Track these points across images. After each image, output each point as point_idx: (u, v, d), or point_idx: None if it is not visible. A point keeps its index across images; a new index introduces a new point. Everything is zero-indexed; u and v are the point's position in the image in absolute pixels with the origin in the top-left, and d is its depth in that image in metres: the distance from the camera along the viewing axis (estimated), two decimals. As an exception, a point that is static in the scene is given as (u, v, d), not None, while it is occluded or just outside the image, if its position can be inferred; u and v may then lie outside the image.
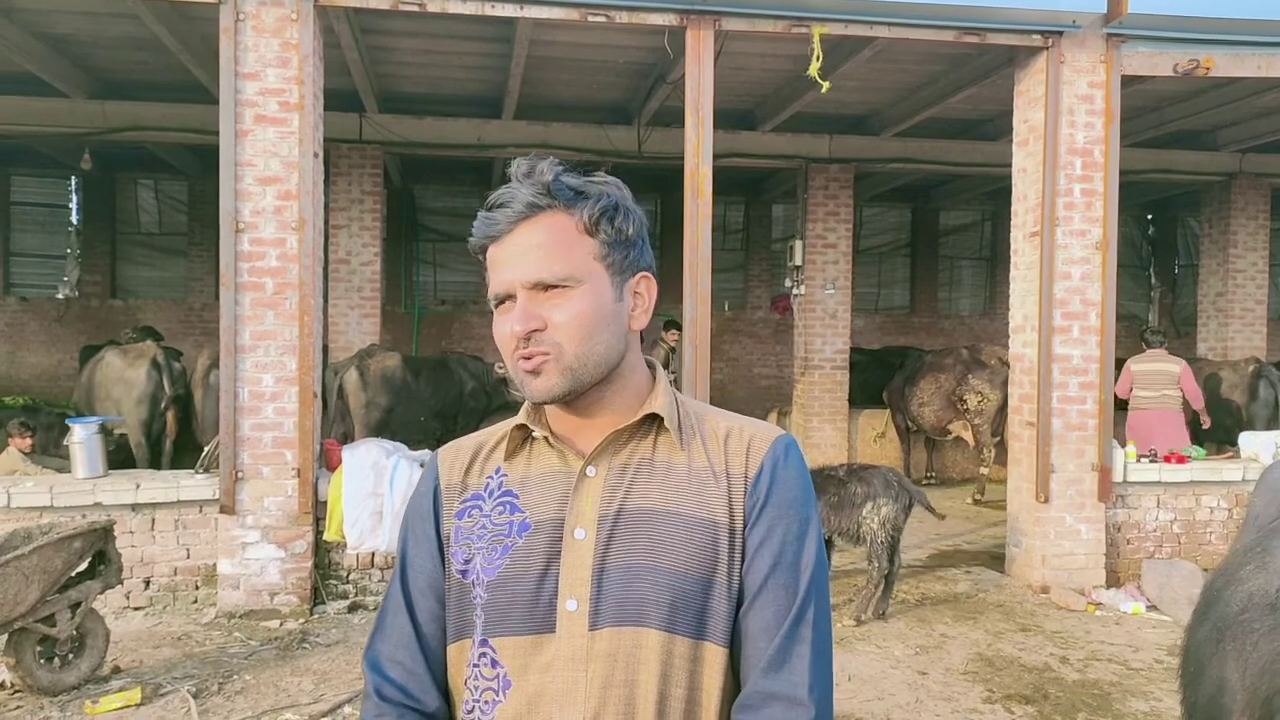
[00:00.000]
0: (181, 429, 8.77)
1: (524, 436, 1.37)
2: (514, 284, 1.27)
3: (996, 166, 9.84)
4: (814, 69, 6.55)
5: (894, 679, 5.15)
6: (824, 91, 6.95)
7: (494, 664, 1.28)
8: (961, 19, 6.59)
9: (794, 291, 11.55)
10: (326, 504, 6.19)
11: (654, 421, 1.34)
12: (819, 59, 6.51)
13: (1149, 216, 16.94)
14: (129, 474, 6.58)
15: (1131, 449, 7.26)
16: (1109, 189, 6.87)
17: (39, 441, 7.74)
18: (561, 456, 1.33)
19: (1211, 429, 9.58)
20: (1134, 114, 9.30)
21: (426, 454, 6.73)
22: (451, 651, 1.35)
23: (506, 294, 1.29)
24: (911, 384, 10.67)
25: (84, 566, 4.90)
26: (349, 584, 6.34)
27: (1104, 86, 6.81)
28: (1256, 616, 1.74)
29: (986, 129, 10.53)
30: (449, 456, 1.42)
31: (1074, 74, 6.80)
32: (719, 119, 7.21)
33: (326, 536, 6.18)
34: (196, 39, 7.52)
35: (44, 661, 4.72)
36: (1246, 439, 7.70)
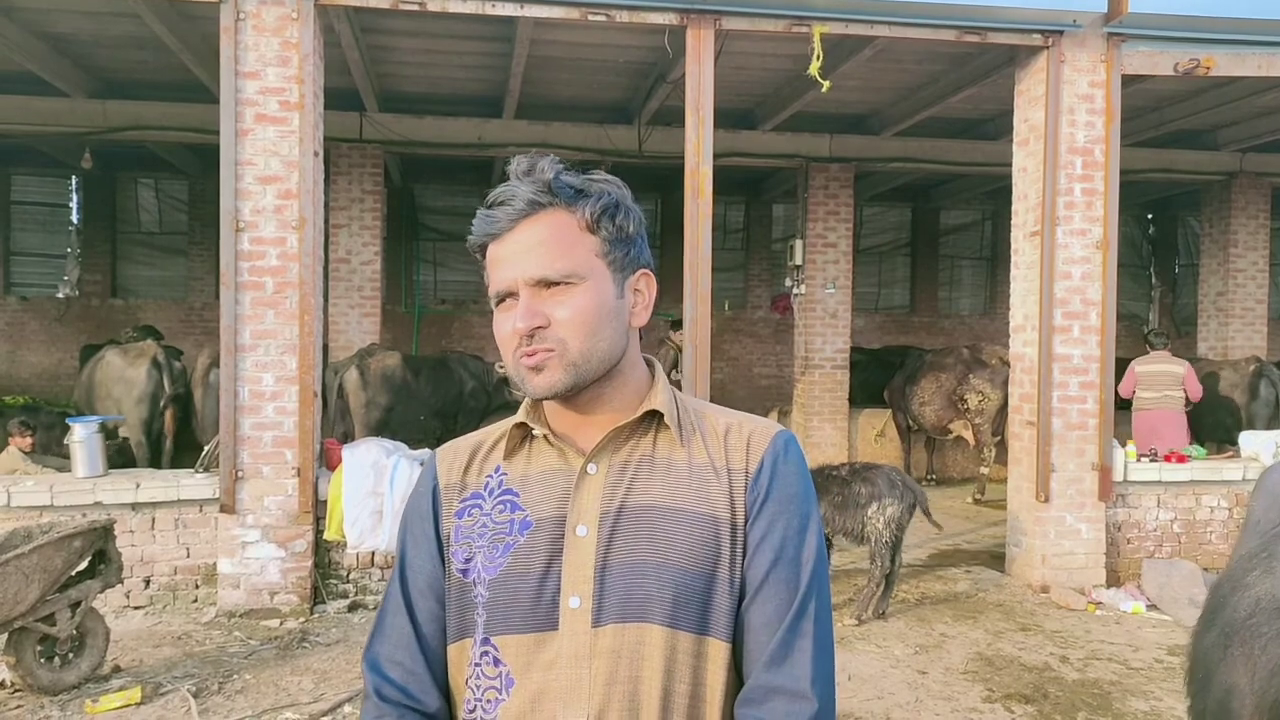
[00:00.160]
0: (181, 428, 8.77)
1: (523, 435, 1.37)
2: (516, 281, 1.27)
3: (997, 166, 9.84)
4: (814, 68, 6.55)
5: (894, 678, 5.15)
6: (824, 91, 6.95)
7: (496, 662, 1.28)
8: (962, 18, 6.59)
9: (794, 291, 11.55)
10: (326, 503, 6.19)
11: (654, 418, 1.34)
12: (819, 58, 6.51)
13: (1149, 216, 16.94)
14: (129, 473, 6.58)
15: (1131, 448, 7.26)
16: (1109, 188, 6.87)
17: (39, 441, 7.73)
18: (561, 454, 1.33)
19: (1212, 428, 9.62)
20: (1134, 113, 9.30)
21: (426, 453, 6.72)
22: (452, 651, 1.34)
23: (508, 291, 1.28)
24: (912, 383, 10.67)
25: (84, 566, 4.90)
26: (349, 583, 6.34)
27: (1104, 86, 6.81)
28: (1264, 621, 1.74)
29: (987, 128, 10.53)
30: (447, 456, 1.41)
31: (1074, 73, 6.80)
32: (719, 118, 7.21)
33: (326, 536, 6.18)
34: (197, 38, 7.52)
35: (44, 660, 4.72)
36: (1247, 438, 7.70)
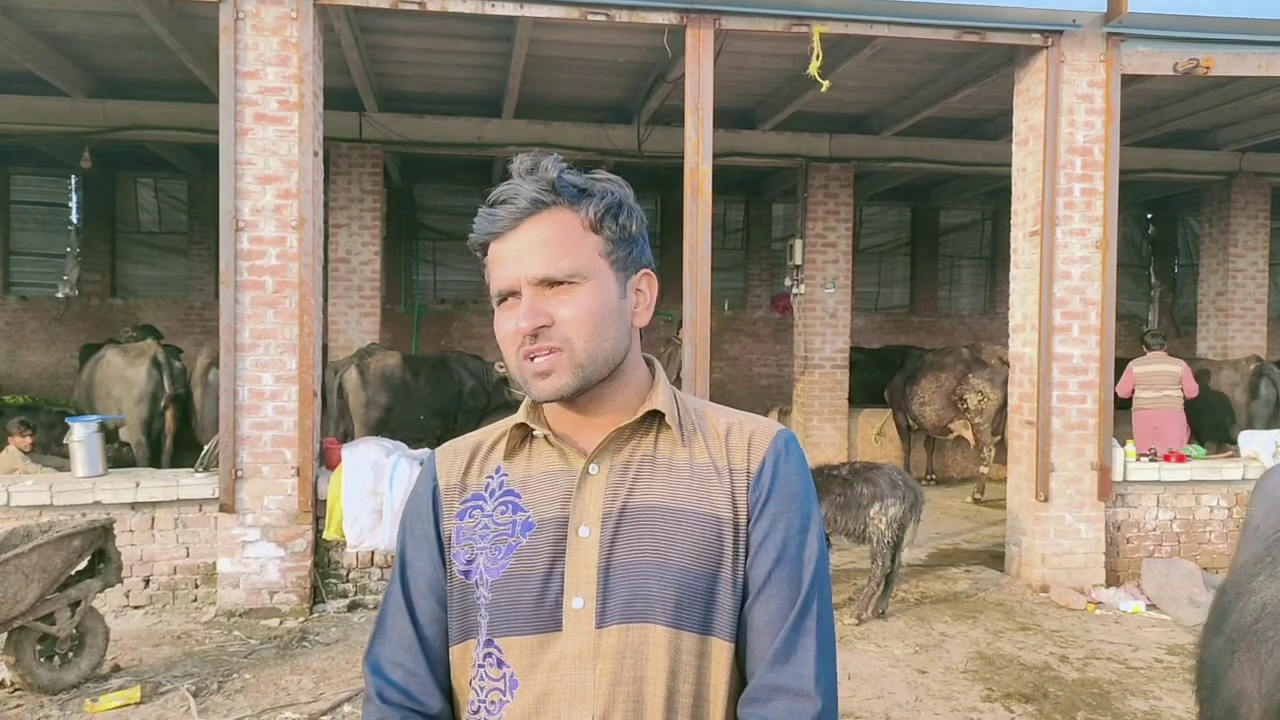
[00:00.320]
0: (181, 428, 8.77)
1: (523, 435, 1.37)
2: (519, 280, 1.26)
3: (996, 165, 9.84)
4: (814, 68, 6.55)
5: (894, 678, 5.15)
6: (824, 91, 6.95)
7: (500, 664, 1.28)
8: (961, 18, 6.59)
9: (794, 290, 11.55)
10: (326, 502, 6.19)
11: (655, 418, 1.34)
12: (819, 58, 6.51)
13: (1149, 216, 16.94)
14: (128, 473, 6.58)
15: (1131, 448, 7.26)
16: (1109, 188, 6.87)
17: (38, 440, 7.73)
18: (563, 455, 1.33)
19: (1212, 427, 9.64)
20: (1134, 113, 9.30)
21: (426, 453, 6.72)
22: (454, 652, 1.34)
23: (510, 290, 1.27)
24: (912, 383, 10.67)
25: (84, 565, 4.90)
26: (349, 583, 6.34)
27: (1104, 85, 6.81)
28: (1270, 625, 1.74)
29: (986, 128, 10.53)
30: (446, 457, 1.41)
31: (1074, 73, 6.80)
32: (719, 118, 7.21)
33: (326, 535, 6.18)
34: (196, 38, 7.52)
35: (44, 660, 4.72)
36: (1246, 438, 7.70)
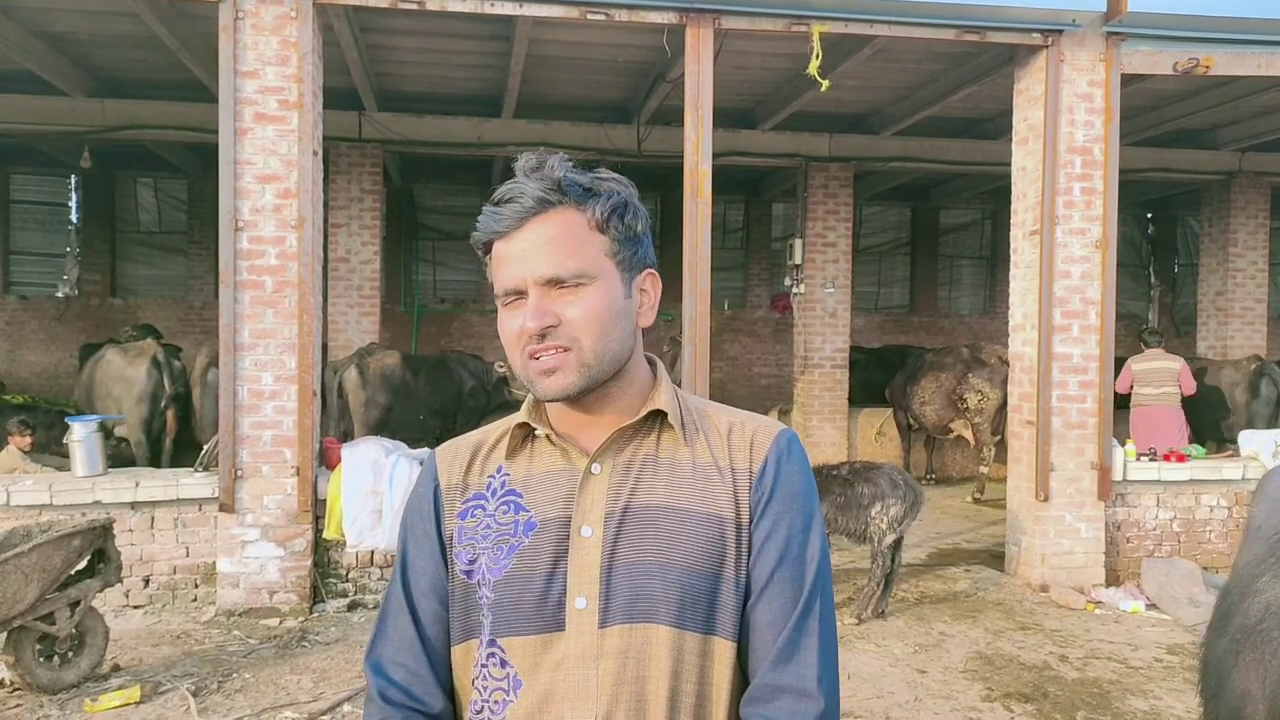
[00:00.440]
0: (181, 427, 8.77)
1: (525, 435, 1.36)
2: (526, 279, 1.26)
3: (996, 165, 9.83)
4: (814, 67, 6.55)
5: (893, 677, 5.15)
6: (823, 90, 6.95)
7: (503, 664, 1.28)
8: (961, 17, 6.59)
9: (794, 290, 11.55)
10: (326, 502, 6.19)
11: (657, 418, 1.34)
12: (818, 57, 6.51)
13: (1149, 215, 16.93)
14: (128, 472, 6.57)
15: (1131, 447, 7.26)
16: (1109, 187, 6.87)
17: (38, 440, 7.73)
18: (565, 454, 1.32)
19: (1212, 426, 9.66)
20: (1134, 113, 9.29)
21: (426, 452, 6.72)
22: (456, 652, 1.34)
23: (516, 290, 1.27)
24: (913, 383, 10.67)
25: (83, 565, 4.90)
26: (348, 582, 6.34)
27: (1104, 85, 6.81)
28: (1275, 626, 1.75)
29: (986, 127, 10.53)
30: (447, 456, 1.41)
31: (1074, 72, 6.80)
32: (719, 117, 7.20)
33: (326, 535, 6.18)
34: (196, 37, 7.52)
35: (43, 659, 4.72)
36: (1246, 437, 7.70)
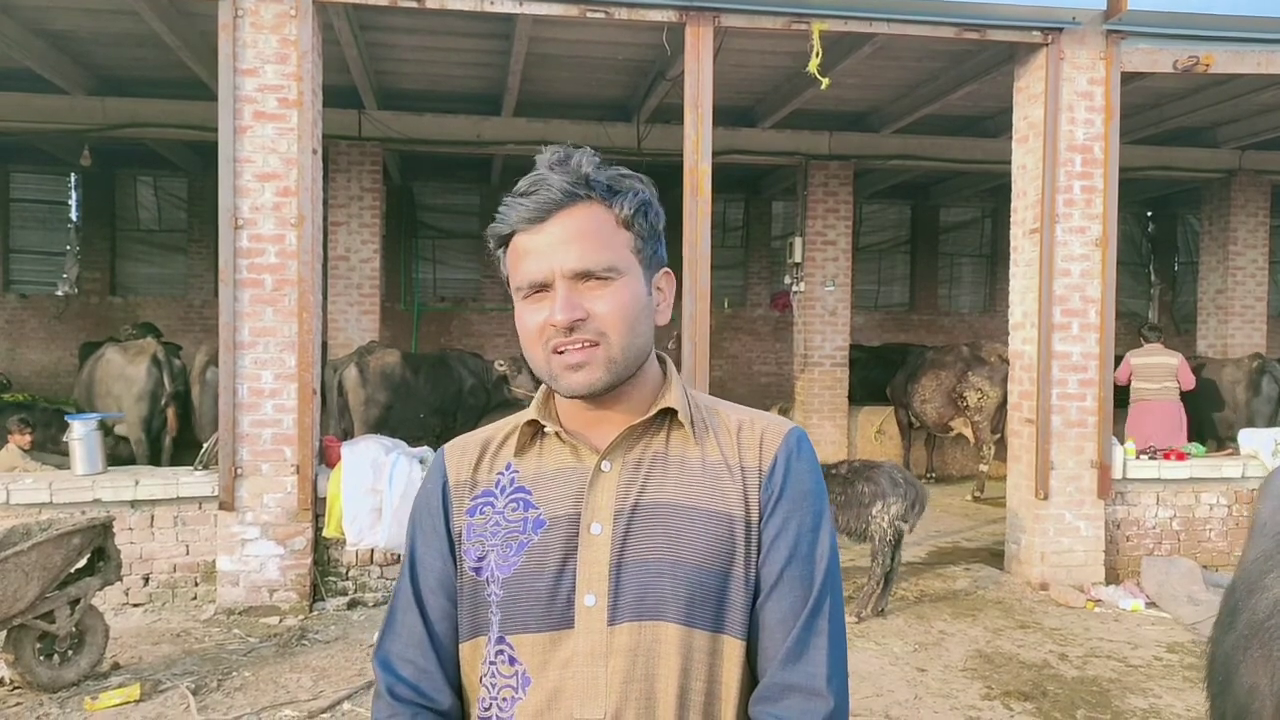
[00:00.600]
0: (181, 425, 8.77)
1: (534, 432, 1.36)
2: (553, 272, 1.24)
3: (996, 163, 9.83)
4: (813, 65, 6.55)
5: (893, 676, 5.16)
6: (823, 88, 6.94)
7: (512, 661, 1.27)
8: (961, 15, 6.59)
9: (794, 288, 11.55)
10: (325, 500, 6.19)
11: (667, 416, 1.33)
12: (818, 55, 6.50)
13: (1149, 213, 16.93)
14: (128, 470, 6.58)
15: (1131, 445, 7.26)
16: (1109, 186, 6.87)
17: (38, 438, 7.73)
18: (574, 451, 1.32)
19: (1214, 424, 9.68)
20: (1134, 111, 9.29)
21: (425, 450, 6.72)
22: (465, 649, 1.34)
23: (542, 283, 1.25)
24: (914, 381, 10.68)
25: (83, 563, 4.90)
26: (348, 580, 6.34)
27: (1104, 83, 6.81)
28: None
29: (987, 125, 10.52)
30: (455, 453, 1.40)
31: (1074, 70, 6.79)
32: (718, 116, 7.20)
33: (326, 533, 6.18)
34: (195, 35, 7.52)
35: (43, 658, 4.72)
36: (1246, 436, 7.70)
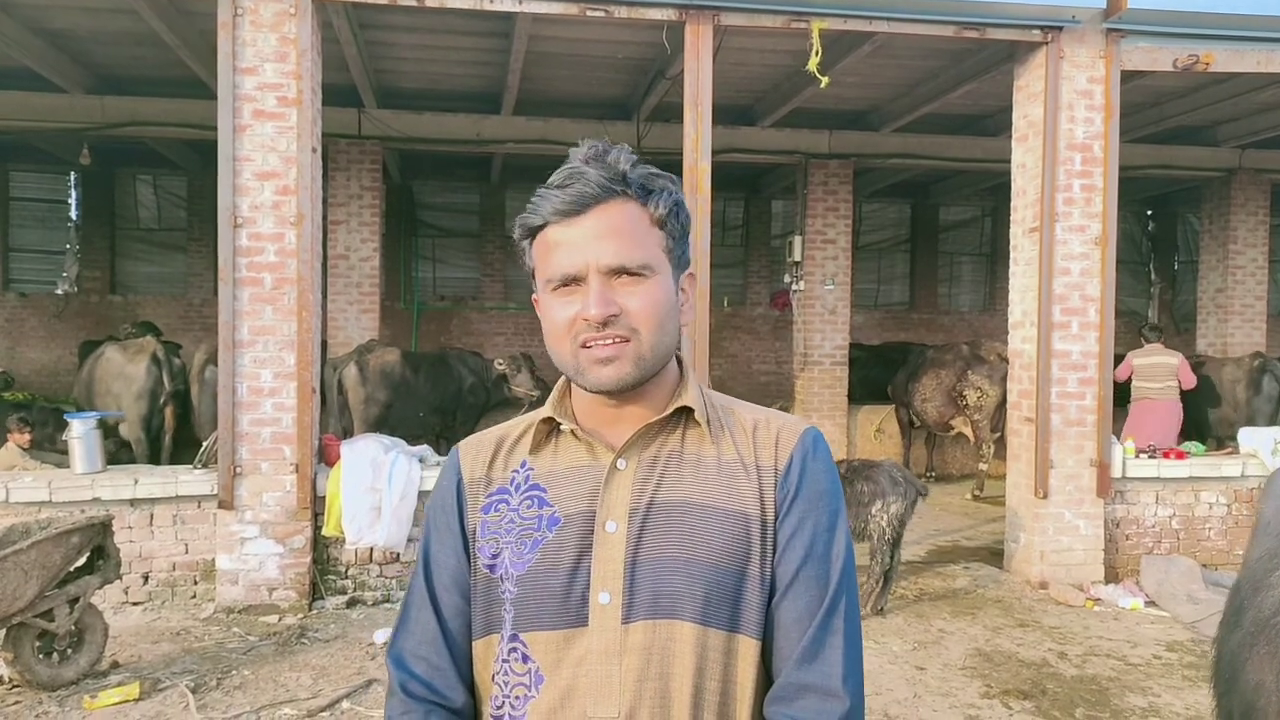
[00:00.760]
0: (181, 424, 8.77)
1: (549, 429, 1.36)
2: (588, 266, 1.24)
3: (996, 162, 9.81)
4: (813, 64, 6.55)
5: (892, 674, 5.16)
6: (823, 87, 6.94)
7: (525, 659, 1.27)
8: (961, 14, 6.58)
9: (793, 287, 11.54)
10: (325, 499, 6.19)
11: (683, 414, 1.33)
12: (818, 54, 6.50)
13: (1149, 212, 16.92)
14: (127, 469, 6.58)
15: (1130, 444, 7.26)
16: (1108, 184, 6.86)
17: (37, 437, 7.73)
18: (590, 449, 1.32)
19: (1215, 423, 9.71)
20: (1133, 109, 9.29)
21: (425, 449, 6.72)
22: (477, 646, 1.34)
23: (575, 276, 1.25)
24: (914, 380, 10.69)
25: (82, 562, 4.90)
26: (347, 579, 6.34)
27: (1103, 82, 6.80)
28: None
29: (986, 124, 10.52)
30: (470, 450, 1.40)
31: (1073, 69, 6.79)
32: (718, 114, 7.20)
33: (325, 531, 6.18)
34: (195, 34, 7.51)
35: (42, 656, 4.72)
36: (1245, 435, 7.69)
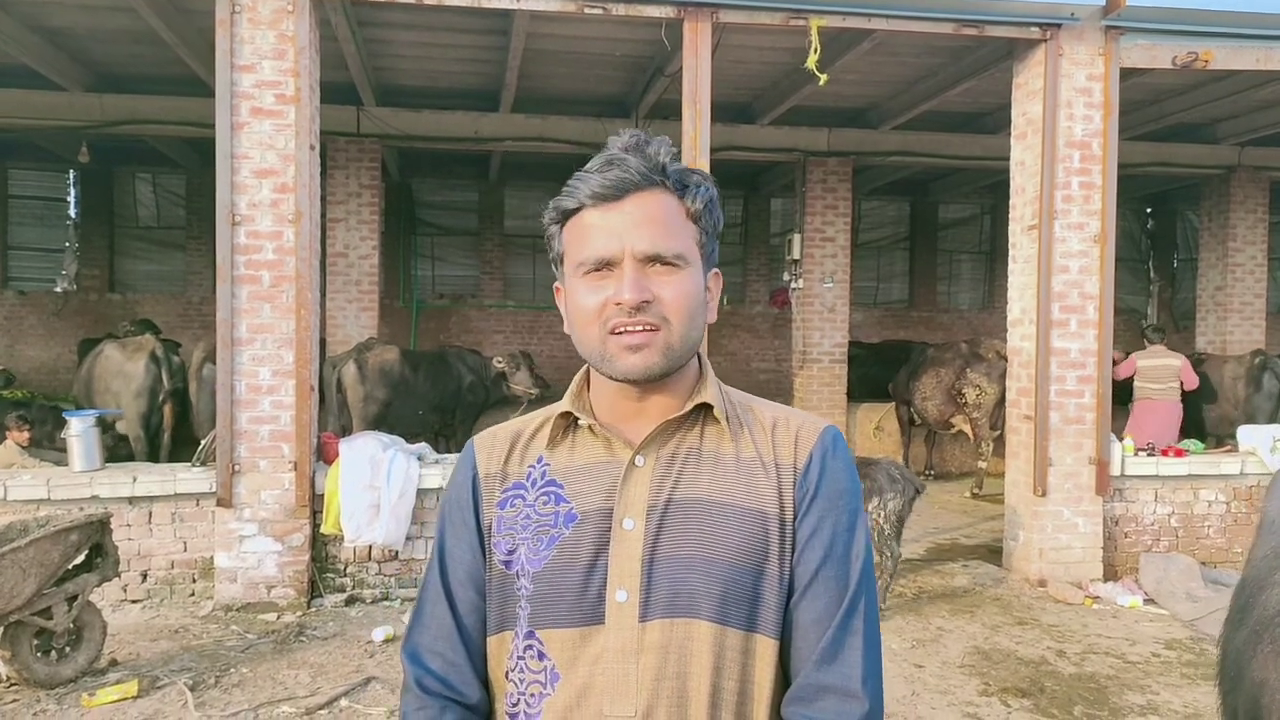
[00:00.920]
0: (180, 422, 8.76)
1: (567, 424, 1.35)
2: (623, 251, 1.23)
3: (995, 160, 9.81)
4: (812, 62, 6.54)
5: (891, 672, 5.15)
6: (822, 84, 6.93)
7: (541, 656, 1.26)
8: (960, 11, 6.58)
9: (792, 285, 11.53)
10: (323, 497, 6.19)
11: (702, 412, 1.32)
12: (817, 51, 6.50)
13: (1148, 210, 16.92)
14: (126, 467, 6.58)
15: (1129, 442, 7.26)
16: (1107, 182, 6.86)
17: (36, 435, 7.73)
18: (608, 445, 1.31)
19: (1215, 421, 9.74)
20: (1132, 107, 9.28)
21: (423, 447, 6.72)
22: (492, 643, 1.33)
23: (609, 260, 1.24)
24: (914, 378, 10.69)
25: (81, 559, 4.90)
26: (346, 577, 6.34)
27: (1102, 79, 6.80)
28: None
29: (985, 122, 10.51)
30: (485, 445, 1.39)
31: (1072, 67, 6.79)
32: (717, 112, 7.20)
33: (323, 529, 6.18)
34: (193, 32, 7.51)
35: (41, 654, 4.72)
36: (1245, 433, 7.69)
